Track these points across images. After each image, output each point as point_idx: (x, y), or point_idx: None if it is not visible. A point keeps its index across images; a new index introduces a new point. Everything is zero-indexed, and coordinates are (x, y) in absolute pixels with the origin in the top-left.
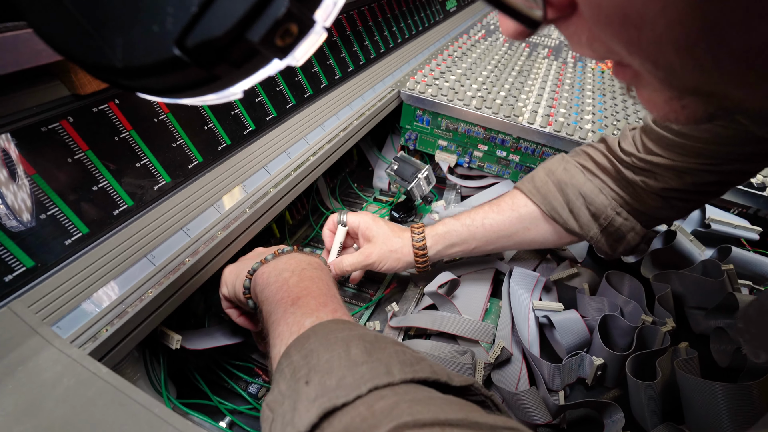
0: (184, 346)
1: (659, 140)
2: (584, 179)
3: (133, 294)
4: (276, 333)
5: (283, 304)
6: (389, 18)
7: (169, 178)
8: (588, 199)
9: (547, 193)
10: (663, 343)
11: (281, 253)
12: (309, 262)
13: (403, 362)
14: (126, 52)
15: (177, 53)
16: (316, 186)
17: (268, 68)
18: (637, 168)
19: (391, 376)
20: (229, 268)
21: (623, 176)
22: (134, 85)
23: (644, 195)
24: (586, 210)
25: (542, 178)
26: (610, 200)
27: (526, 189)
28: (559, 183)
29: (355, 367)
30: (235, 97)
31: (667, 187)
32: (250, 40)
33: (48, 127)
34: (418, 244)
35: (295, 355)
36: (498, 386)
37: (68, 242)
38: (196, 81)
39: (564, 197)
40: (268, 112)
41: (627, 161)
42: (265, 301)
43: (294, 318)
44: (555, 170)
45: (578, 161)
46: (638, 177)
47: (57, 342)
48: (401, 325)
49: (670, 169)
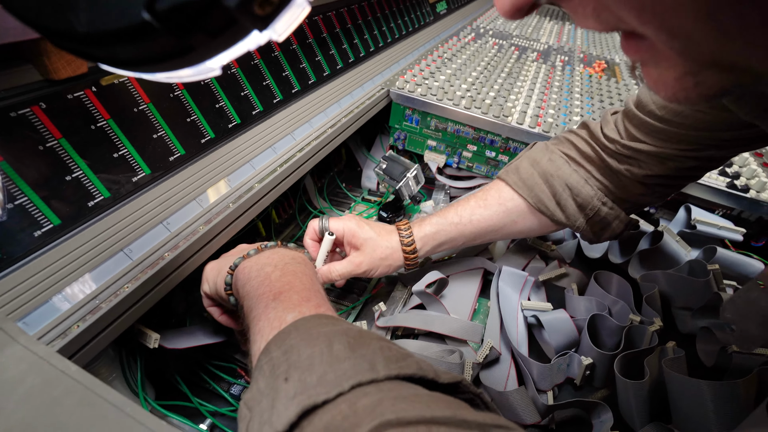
0: (162, 345)
1: (642, 126)
2: (570, 170)
3: (107, 289)
4: (256, 329)
5: (264, 298)
6: (379, 17)
7: (149, 170)
8: (574, 191)
9: (534, 185)
10: (651, 342)
11: (264, 248)
12: (292, 257)
13: (389, 358)
14: (91, 16)
15: (146, 17)
16: (304, 185)
17: (248, 41)
18: (621, 155)
19: (375, 372)
20: (210, 264)
21: (607, 164)
22: (99, 54)
23: (628, 183)
24: (573, 201)
25: (528, 170)
26: (596, 190)
27: (512, 181)
28: (545, 174)
29: (338, 363)
30: (213, 74)
31: (650, 173)
32: (227, 6)
33: (18, 113)
34: (406, 241)
35: (275, 351)
36: (486, 386)
37: (38, 234)
38: (168, 51)
39: (550, 189)
40: (254, 106)
41: (611, 148)
42: (246, 296)
43: (275, 313)
44: (540, 161)
45: (562, 150)
46: (622, 165)
47: (22, 338)
48: (388, 325)
49: (653, 156)
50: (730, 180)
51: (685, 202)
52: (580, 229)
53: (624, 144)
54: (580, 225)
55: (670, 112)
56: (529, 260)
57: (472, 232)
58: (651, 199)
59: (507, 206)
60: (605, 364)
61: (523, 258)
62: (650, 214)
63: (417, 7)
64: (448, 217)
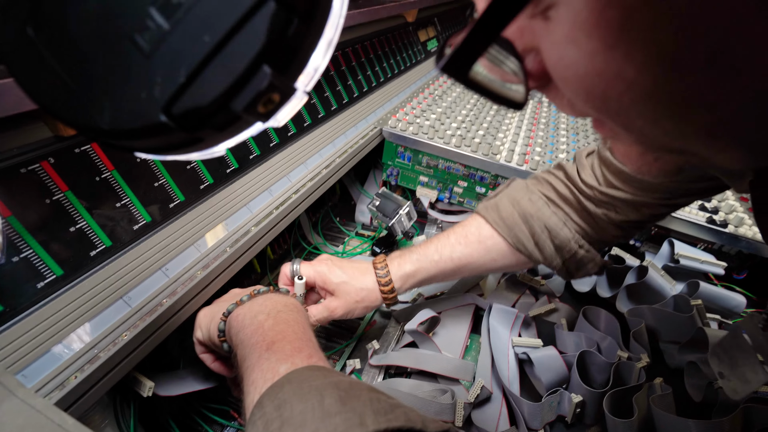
0: (156, 393)
1: (619, 174)
2: (550, 212)
3: (106, 338)
4: (250, 380)
5: (258, 348)
6: (372, 58)
7: (149, 218)
8: (553, 233)
9: (513, 225)
10: (639, 379)
11: (257, 294)
12: (285, 304)
13: (377, 411)
14: (113, 115)
15: (163, 119)
16: (298, 221)
17: (251, 130)
18: (599, 201)
19: (365, 427)
20: (203, 311)
21: (584, 207)
22: (119, 144)
23: (605, 226)
24: (551, 243)
25: (508, 209)
26: (573, 233)
27: (492, 219)
28: (525, 215)
29: (329, 418)
30: (218, 154)
31: (626, 219)
32: (234, 109)
33: (28, 168)
34: (383, 281)
35: (268, 405)
36: (478, 427)
37: (41, 285)
38: (180, 143)
39: (530, 230)
40: (252, 150)
41: (588, 193)
42: (239, 344)
43: (268, 364)
44: (520, 200)
45: (542, 191)
46: (600, 210)
47: (20, 392)
48: (382, 363)
49: (629, 203)
50: (709, 215)
51: (668, 237)
52: (556, 268)
53: (602, 191)
54: (557, 265)
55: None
56: (520, 296)
57: (451, 269)
58: (624, 239)
59: (487, 244)
60: (595, 402)
61: (513, 294)
62: (636, 248)
63: (408, 47)
64: (428, 254)
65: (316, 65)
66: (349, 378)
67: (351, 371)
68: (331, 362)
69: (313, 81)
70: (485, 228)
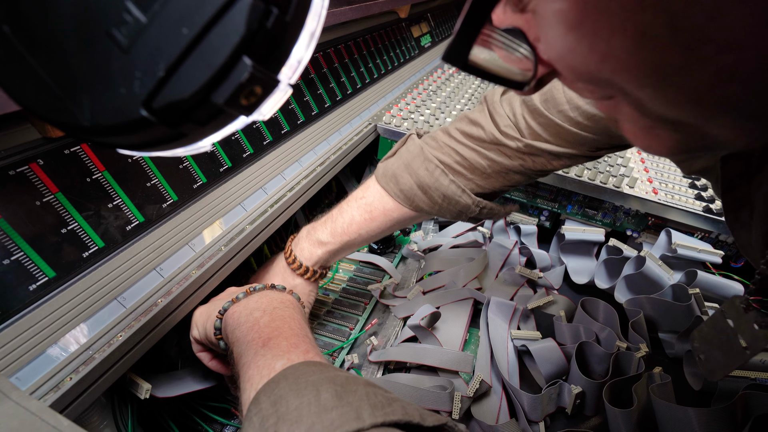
0: (153, 395)
1: (549, 126)
2: (447, 181)
3: (101, 339)
4: (246, 376)
5: (254, 345)
6: (365, 54)
7: (142, 218)
8: (452, 201)
9: (414, 196)
10: (638, 368)
11: (253, 292)
12: (281, 301)
13: (374, 405)
14: (93, 112)
15: (144, 114)
16: (295, 219)
17: (235, 124)
18: (518, 153)
19: (361, 421)
20: (199, 309)
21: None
22: (102, 141)
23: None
24: (452, 209)
25: (407, 181)
26: (473, 198)
27: (393, 192)
28: (423, 186)
29: (325, 413)
30: (203, 150)
31: (541, 169)
32: (215, 102)
33: (16, 171)
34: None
35: (264, 401)
36: (478, 420)
37: (33, 287)
38: (162, 138)
39: (429, 199)
40: (245, 149)
41: (507, 145)
42: (236, 342)
43: (264, 360)
44: (417, 170)
45: (440, 159)
46: (515, 162)
47: (14, 394)
48: (381, 360)
49: (554, 155)
50: (706, 204)
51: (665, 227)
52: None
53: (526, 143)
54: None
55: (584, 114)
56: (518, 289)
57: (359, 242)
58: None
59: (393, 216)
60: (595, 392)
61: (511, 287)
62: (633, 239)
63: (402, 42)
64: (337, 236)
65: (299, 57)
66: (346, 373)
67: (349, 367)
68: (330, 359)
69: (297, 73)
70: (388, 200)
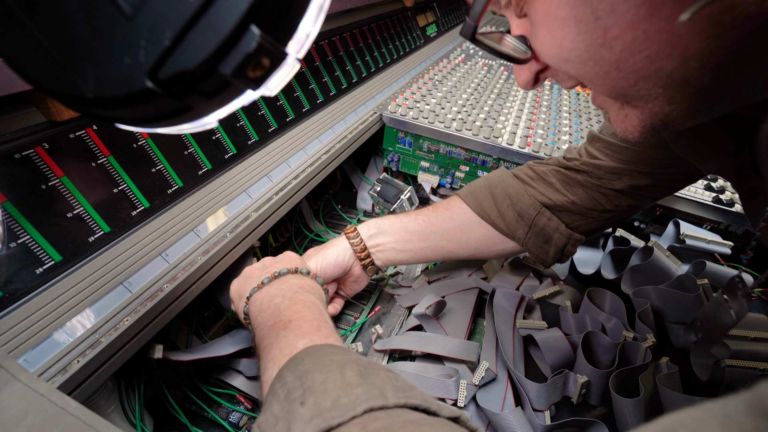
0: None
1: (603, 147)
2: (513, 182)
3: (107, 323)
4: (269, 357)
5: (275, 329)
6: (371, 43)
7: (147, 204)
8: (514, 200)
9: (479, 195)
10: (645, 358)
11: (277, 276)
12: (301, 285)
13: (397, 388)
14: (97, 83)
15: (149, 85)
16: (300, 208)
17: (242, 98)
18: (578, 169)
19: (386, 399)
20: (234, 284)
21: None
22: (106, 114)
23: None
24: (513, 210)
25: (478, 183)
26: (533, 200)
27: (462, 193)
28: (490, 185)
29: (350, 388)
30: (210, 126)
31: (608, 187)
32: (222, 73)
33: (22, 154)
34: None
35: (288, 376)
36: (483, 408)
37: (39, 271)
38: (168, 111)
39: (492, 197)
40: (250, 136)
41: (569, 165)
42: (258, 327)
43: (286, 341)
44: (491, 176)
45: (514, 172)
46: (579, 175)
47: (23, 376)
48: (386, 348)
49: (609, 170)
50: (716, 195)
51: (674, 217)
52: (522, 241)
53: (583, 161)
54: (521, 236)
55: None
56: (523, 279)
57: (416, 230)
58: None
59: (453, 211)
60: (601, 382)
61: (517, 277)
62: (641, 230)
63: (408, 32)
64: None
65: (307, 30)
66: (367, 358)
67: None
68: None
69: (305, 48)
70: (455, 200)
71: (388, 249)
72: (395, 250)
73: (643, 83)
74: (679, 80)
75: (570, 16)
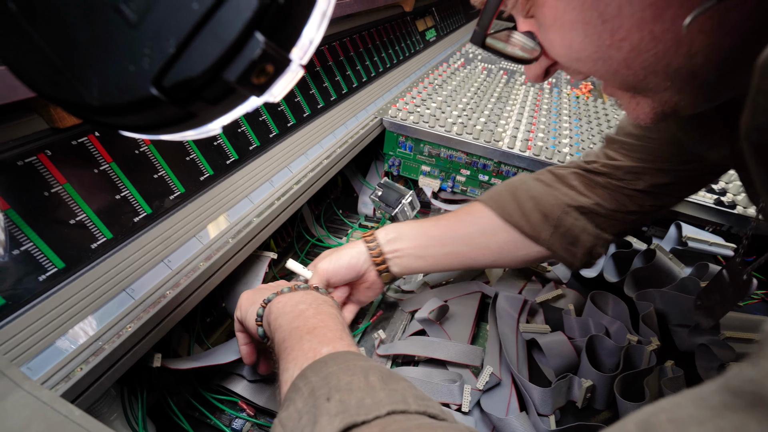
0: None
1: (620, 147)
2: (535, 183)
3: (110, 330)
4: (290, 357)
5: (298, 331)
6: (371, 48)
7: (150, 210)
8: (537, 200)
9: (500, 198)
10: (649, 362)
11: (298, 288)
12: (324, 300)
13: (417, 396)
14: (101, 90)
15: (154, 92)
16: (301, 213)
17: (246, 105)
18: (599, 171)
19: (407, 404)
20: (246, 293)
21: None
22: (110, 122)
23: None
24: (537, 211)
25: (498, 188)
26: (558, 200)
27: (483, 198)
28: (512, 189)
29: (374, 391)
30: (214, 133)
31: (630, 188)
32: (227, 80)
33: (24, 161)
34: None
35: (313, 377)
36: (488, 413)
37: (42, 278)
38: (172, 118)
39: (515, 200)
40: (251, 141)
41: (589, 167)
42: (278, 328)
43: (310, 345)
44: (512, 181)
45: (534, 176)
46: (600, 178)
47: (26, 384)
48: (389, 353)
49: (629, 170)
50: (717, 197)
51: (676, 220)
52: (548, 244)
53: (603, 163)
54: (547, 237)
55: (644, 128)
56: (526, 283)
57: (437, 235)
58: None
59: (475, 215)
60: (606, 386)
61: (519, 281)
62: (642, 232)
63: (407, 36)
64: (414, 222)
65: (310, 37)
66: (388, 368)
67: None
68: None
69: (309, 54)
70: (476, 204)
71: (407, 255)
72: (414, 256)
73: (652, 77)
74: (686, 74)
75: (578, 19)
